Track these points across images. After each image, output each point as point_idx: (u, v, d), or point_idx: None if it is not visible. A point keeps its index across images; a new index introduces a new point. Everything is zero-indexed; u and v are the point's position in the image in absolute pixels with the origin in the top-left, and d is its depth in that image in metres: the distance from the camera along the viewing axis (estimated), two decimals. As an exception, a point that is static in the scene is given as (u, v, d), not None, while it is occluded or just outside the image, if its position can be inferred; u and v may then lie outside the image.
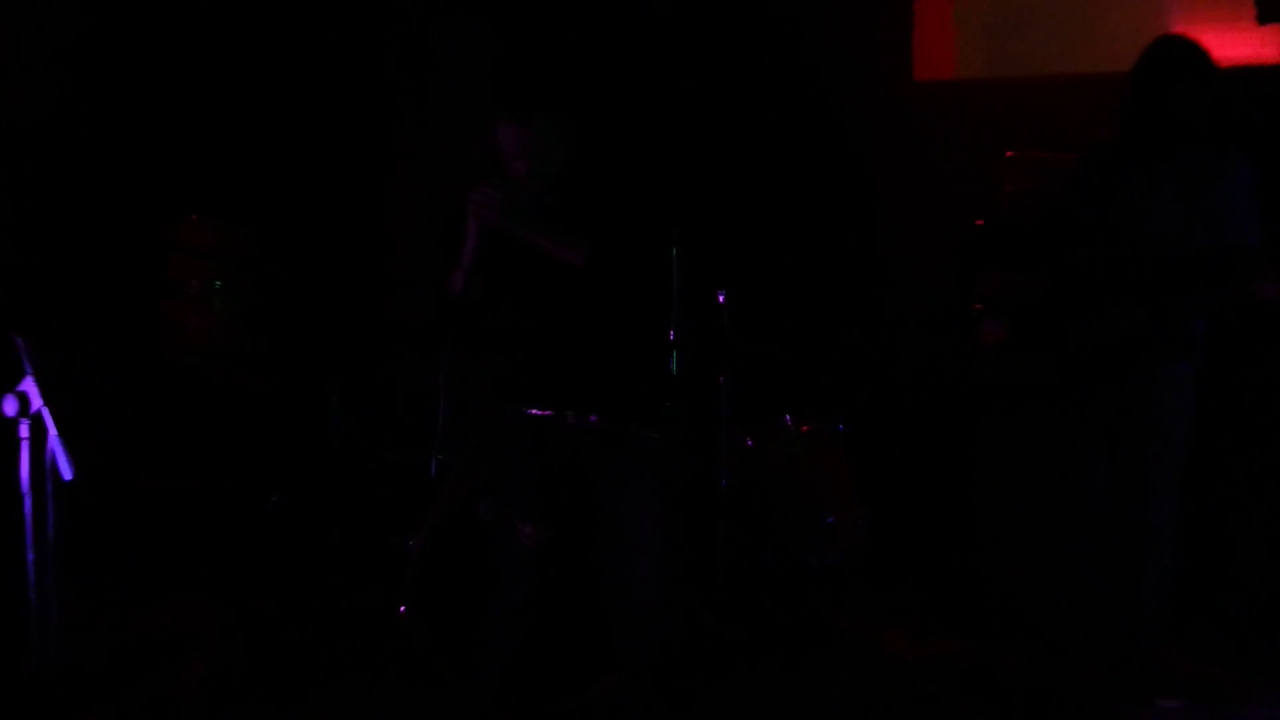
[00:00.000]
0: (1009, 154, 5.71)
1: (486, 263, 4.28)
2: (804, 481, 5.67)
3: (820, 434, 5.80)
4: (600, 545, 4.34)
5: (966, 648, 5.27)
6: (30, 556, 3.98)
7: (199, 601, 5.53)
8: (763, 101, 6.57)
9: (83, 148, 6.03)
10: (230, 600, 5.50)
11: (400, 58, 6.79)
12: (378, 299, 6.50)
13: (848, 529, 5.72)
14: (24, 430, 3.94)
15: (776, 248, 6.49)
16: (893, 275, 6.57)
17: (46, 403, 3.94)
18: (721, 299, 5.45)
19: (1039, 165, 5.65)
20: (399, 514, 5.23)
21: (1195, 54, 4.61)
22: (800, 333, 6.13)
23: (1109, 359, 4.69)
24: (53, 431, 3.91)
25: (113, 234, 6.08)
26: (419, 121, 6.81)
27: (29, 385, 3.93)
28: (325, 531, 5.43)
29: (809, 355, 6.11)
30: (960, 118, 6.44)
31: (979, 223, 5.64)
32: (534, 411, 4.27)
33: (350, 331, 5.95)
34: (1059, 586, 5.19)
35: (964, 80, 6.66)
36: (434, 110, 6.81)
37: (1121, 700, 4.70)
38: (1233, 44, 5.77)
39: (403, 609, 4.76)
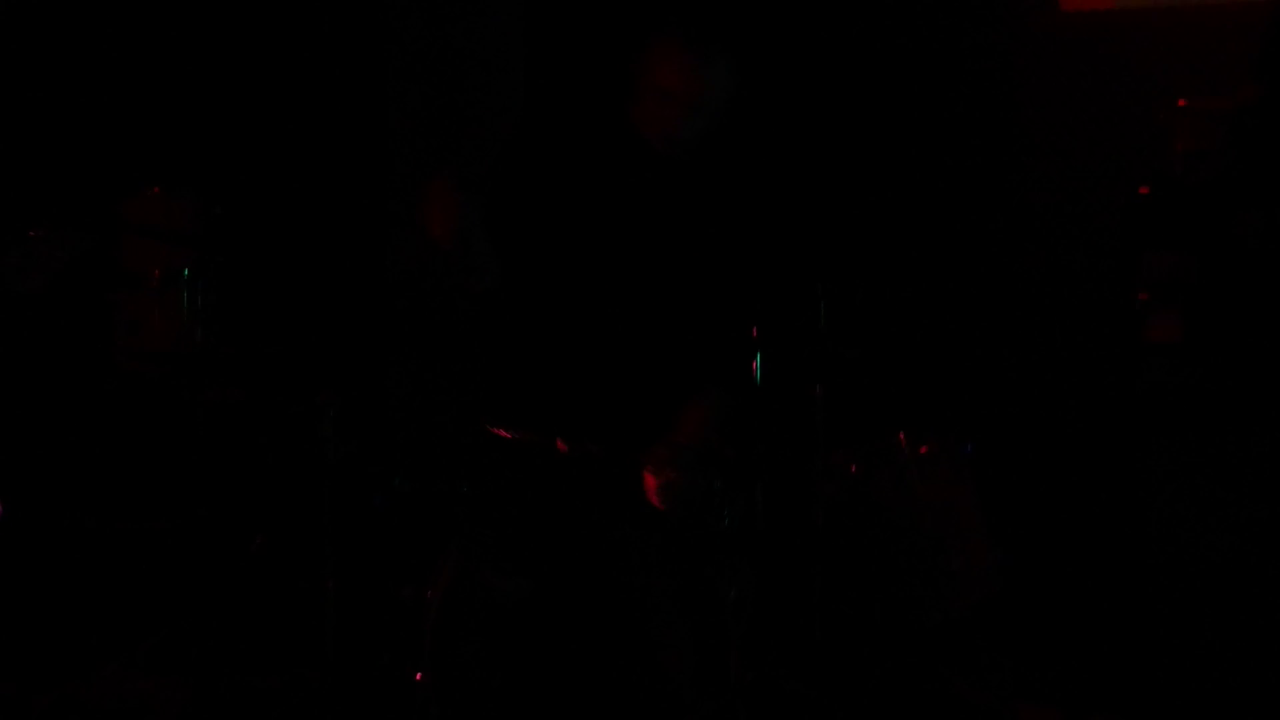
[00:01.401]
0: (1181, 102, 5.61)
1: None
2: (922, 516, 5.61)
3: (943, 457, 5.72)
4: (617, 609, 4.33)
5: None
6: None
7: (152, 678, 5.53)
8: (873, 45, 6.51)
9: (13, 103, 5.99)
10: (194, 674, 5.47)
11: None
12: (381, 292, 6.41)
13: (977, 576, 5.65)
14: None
15: (888, 227, 6.43)
16: (1036, 258, 6.46)
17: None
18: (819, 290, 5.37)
19: (1220, 116, 5.56)
20: (412, 558, 5.11)
21: None
22: (917, 332, 6.15)
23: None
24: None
25: (52, 211, 5.82)
26: (426, 76, 6.71)
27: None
28: (320, 581, 5.34)
29: (929, 359, 6.13)
30: (1120, 56, 6.32)
31: (1144, 190, 5.58)
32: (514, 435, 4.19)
33: (348, 332, 5.86)
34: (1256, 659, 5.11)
35: (1125, 7, 6.51)
36: (444, 64, 6.73)
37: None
38: None
39: (418, 676, 4.66)
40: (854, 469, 5.68)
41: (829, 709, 5.19)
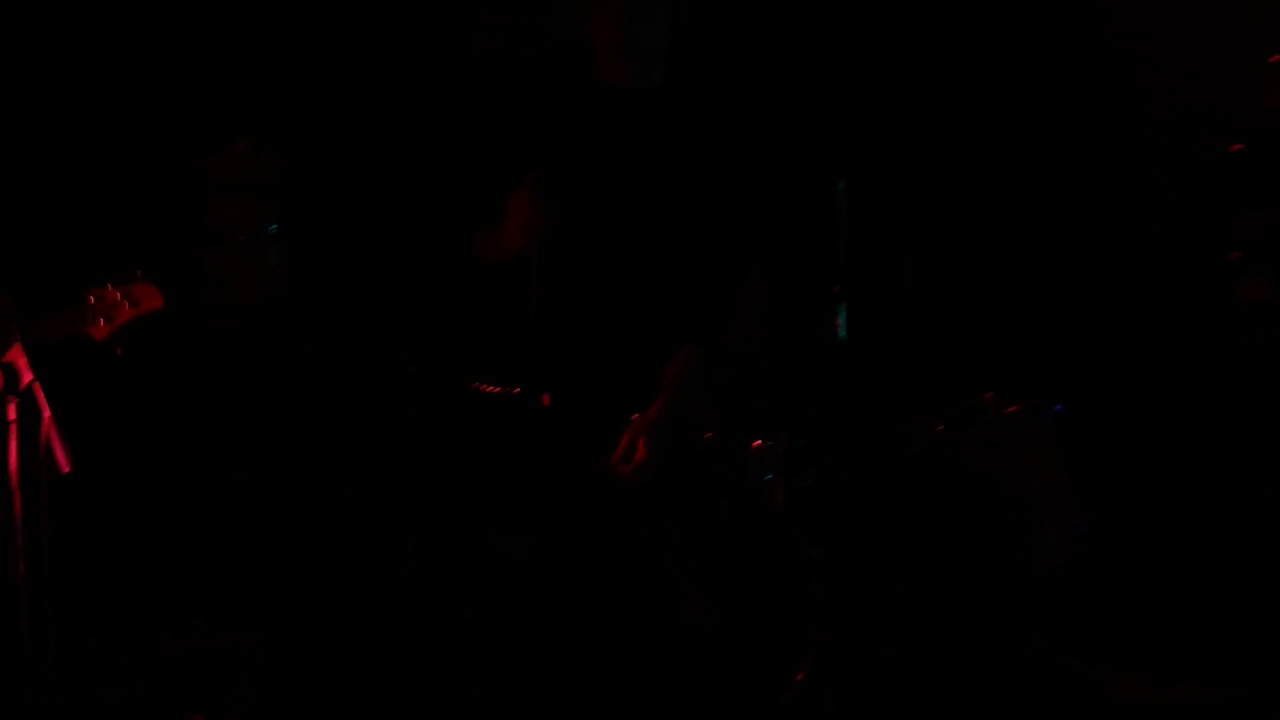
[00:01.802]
0: (1274, 58, 5.50)
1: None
2: (1010, 478, 5.48)
3: (1030, 417, 5.57)
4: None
5: (1219, 697, 5.15)
6: (20, 569, 3.87)
7: (236, 630, 5.51)
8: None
9: (101, 58, 5.98)
10: (276, 629, 5.47)
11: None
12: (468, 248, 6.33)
13: (1065, 539, 5.50)
14: (11, 411, 3.82)
15: (972, 181, 6.28)
16: (1123, 216, 6.34)
17: (40, 377, 3.82)
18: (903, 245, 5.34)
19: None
20: (495, 513, 5.10)
21: None
22: (1004, 288, 6.04)
23: None
24: (47, 412, 3.78)
25: (139, 167, 6.05)
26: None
27: (17, 355, 3.81)
28: (401, 537, 5.31)
29: (1016, 317, 6.01)
30: (1211, 12, 6.15)
31: (1235, 147, 5.48)
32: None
33: (433, 288, 5.79)
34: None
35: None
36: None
37: None
38: None
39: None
40: (940, 429, 5.53)
41: (913, 672, 5.15)
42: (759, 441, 4.70)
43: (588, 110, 4.26)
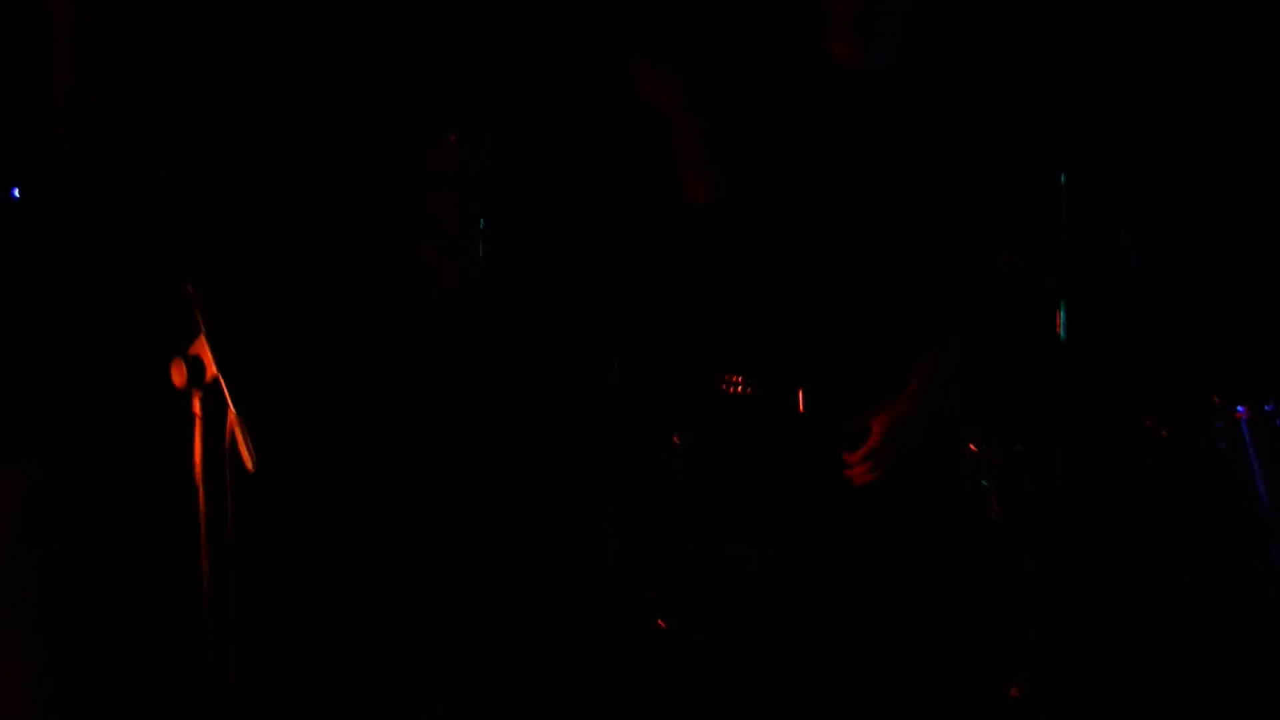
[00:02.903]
0: None
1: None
2: (1238, 486, 5.31)
3: (1260, 421, 5.37)
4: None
5: None
6: (204, 567, 3.74)
7: (440, 629, 5.44)
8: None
9: (311, 49, 5.88)
10: (478, 628, 5.38)
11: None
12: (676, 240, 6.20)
13: None
14: (196, 405, 3.68)
15: (1199, 173, 6.00)
16: None
17: (225, 370, 3.68)
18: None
19: None
20: (693, 518, 4.99)
21: None
22: (1233, 284, 5.80)
23: None
24: (232, 408, 3.63)
25: (346, 157, 5.92)
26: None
27: (202, 348, 3.67)
28: (604, 537, 5.20)
29: (1244, 314, 5.78)
30: None
31: None
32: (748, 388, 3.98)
33: (640, 284, 5.65)
34: None
35: None
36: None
37: None
38: None
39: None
40: (1165, 433, 5.37)
41: (1131, 684, 5.01)
42: (974, 445, 4.55)
43: (822, 95, 4.10)
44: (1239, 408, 5.35)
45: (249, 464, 3.60)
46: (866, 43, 4.07)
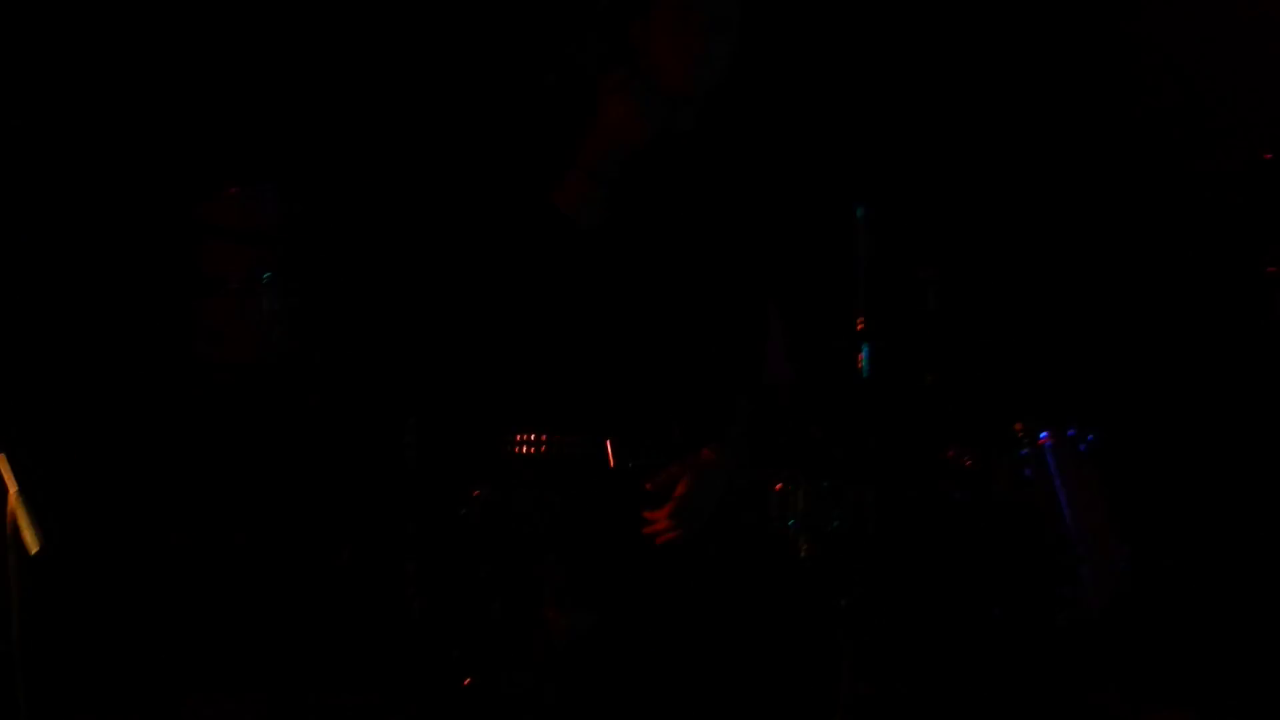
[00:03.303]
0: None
1: None
2: (1045, 512, 5.31)
3: (1064, 447, 5.39)
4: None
5: None
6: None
7: (236, 696, 5.31)
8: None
9: (83, 99, 5.76)
10: (277, 693, 5.25)
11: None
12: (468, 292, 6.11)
13: (1106, 575, 5.33)
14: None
15: (996, 200, 6.07)
16: (1155, 231, 6.11)
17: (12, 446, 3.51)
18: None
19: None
20: (500, 573, 4.84)
21: None
22: (1033, 312, 5.88)
23: None
24: (13, 488, 3.46)
25: (127, 215, 5.80)
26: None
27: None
28: (407, 596, 5.08)
29: (1045, 341, 5.87)
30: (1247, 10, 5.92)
31: (1268, 156, 5.35)
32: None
33: (433, 338, 5.55)
34: None
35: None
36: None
37: None
38: None
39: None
40: (969, 463, 5.37)
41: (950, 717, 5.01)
42: (780, 485, 4.49)
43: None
44: (1042, 434, 5.36)
45: (31, 546, 3.44)
46: (703, 80, 4.02)
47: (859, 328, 4.76)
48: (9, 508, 3.46)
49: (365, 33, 6.00)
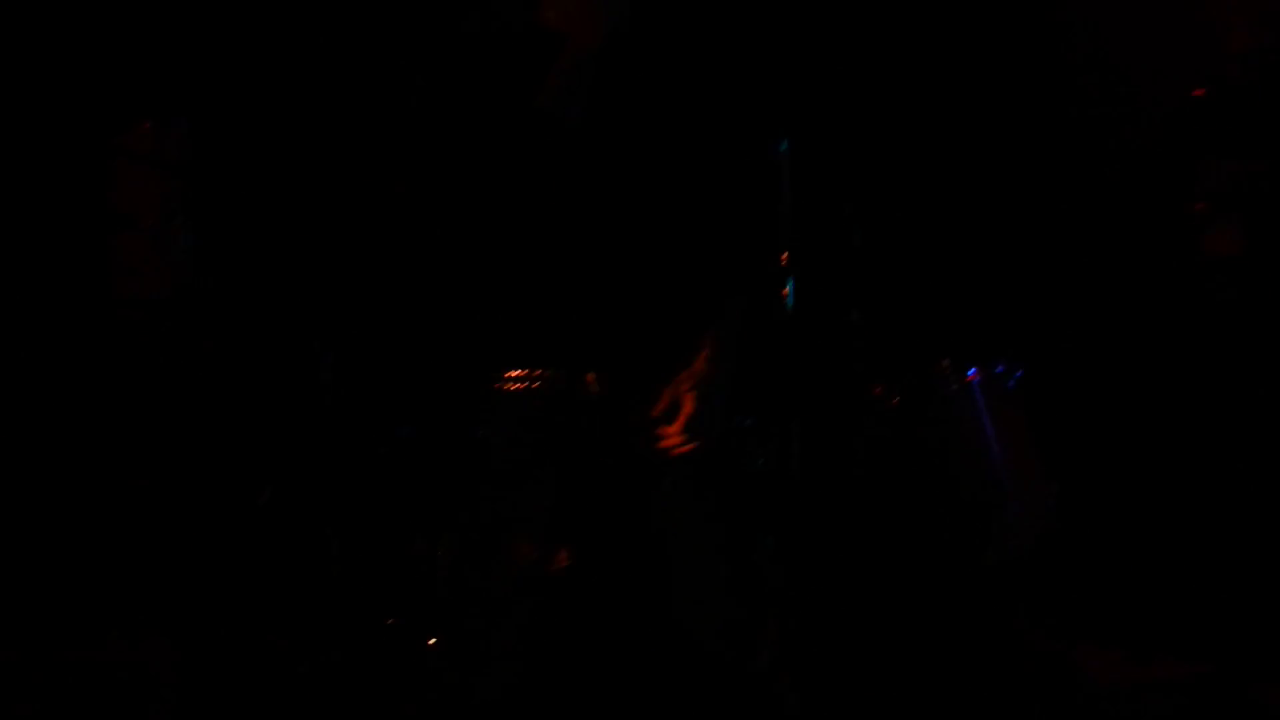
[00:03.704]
0: (1237, -3, 5.35)
1: None
2: (970, 450, 5.33)
3: (991, 385, 5.42)
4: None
5: (1201, 673, 4.92)
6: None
7: (154, 640, 5.16)
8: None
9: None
10: (196, 637, 5.14)
11: None
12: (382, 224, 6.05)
13: (1032, 513, 5.37)
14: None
15: (921, 135, 6.04)
16: (1080, 166, 6.12)
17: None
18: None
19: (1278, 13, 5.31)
20: (420, 511, 4.87)
21: None
22: (957, 249, 5.85)
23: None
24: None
25: (38, 149, 5.71)
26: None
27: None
28: (324, 537, 5.01)
29: (970, 278, 5.84)
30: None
31: (1198, 93, 5.32)
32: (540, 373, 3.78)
33: (349, 269, 5.48)
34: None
35: None
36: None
37: None
38: None
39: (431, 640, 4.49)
40: (896, 401, 5.39)
41: (877, 657, 4.95)
42: None
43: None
44: (970, 371, 5.38)
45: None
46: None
47: (782, 263, 4.75)
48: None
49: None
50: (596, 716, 4.18)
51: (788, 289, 4.84)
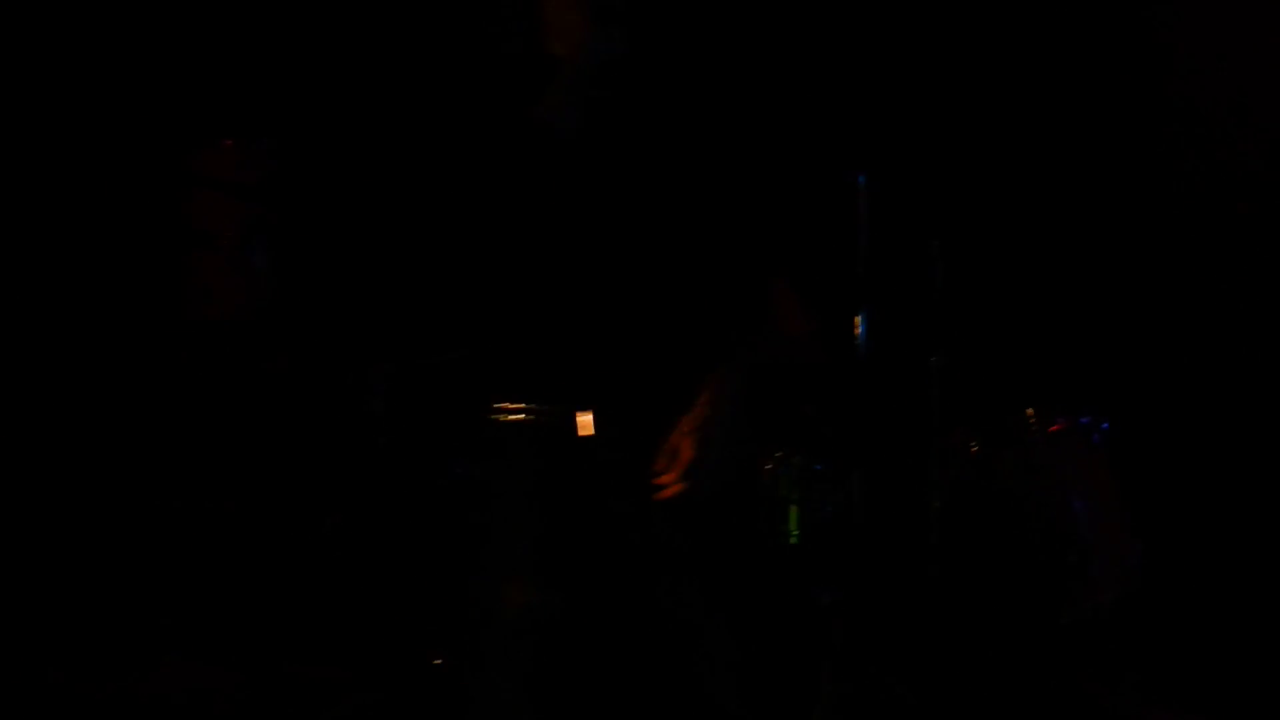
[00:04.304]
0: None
1: None
2: (1052, 503, 5.15)
3: (1076, 436, 5.25)
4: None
5: None
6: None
7: (212, 667, 5.15)
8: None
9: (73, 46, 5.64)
10: (253, 665, 5.10)
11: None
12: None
13: (1114, 571, 5.17)
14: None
15: (1012, 173, 5.87)
16: (1186, 202, 5.91)
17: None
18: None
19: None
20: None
21: None
22: (1048, 291, 5.71)
23: None
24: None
25: (115, 167, 5.69)
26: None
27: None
28: (383, 565, 4.96)
29: (1061, 323, 5.70)
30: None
31: None
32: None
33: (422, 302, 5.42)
34: None
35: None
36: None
37: None
38: None
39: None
40: (975, 449, 5.23)
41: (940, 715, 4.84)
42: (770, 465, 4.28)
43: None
44: (1056, 420, 5.23)
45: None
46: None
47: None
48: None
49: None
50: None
51: (860, 328, 4.73)
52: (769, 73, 4.10)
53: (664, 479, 3.62)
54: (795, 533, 4.56)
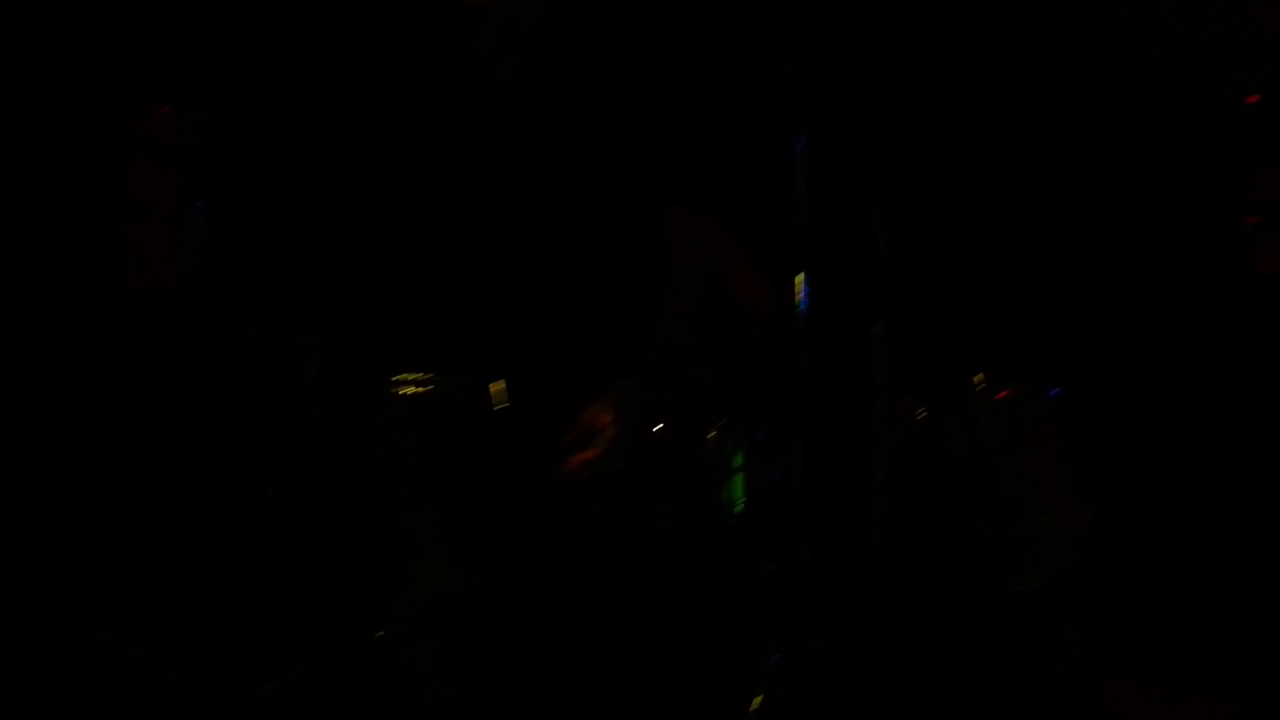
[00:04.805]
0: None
1: None
2: (1001, 470, 5.13)
3: (1025, 402, 5.24)
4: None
5: (1239, 713, 4.79)
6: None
7: (150, 642, 5.17)
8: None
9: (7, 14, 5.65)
10: (191, 638, 5.12)
11: None
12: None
13: (1063, 538, 5.14)
14: None
15: (956, 135, 5.88)
16: (1124, 175, 5.94)
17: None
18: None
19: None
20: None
21: None
22: (995, 257, 5.71)
23: None
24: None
25: (52, 135, 5.68)
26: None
27: None
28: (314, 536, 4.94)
29: (1008, 289, 5.70)
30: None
31: (1252, 100, 5.10)
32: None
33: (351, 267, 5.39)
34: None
35: None
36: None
37: None
38: None
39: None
40: (921, 417, 5.20)
41: (889, 688, 4.80)
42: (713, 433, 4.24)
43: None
44: (1004, 388, 5.22)
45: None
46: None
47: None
48: None
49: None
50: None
51: (800, 295, 4.70)
52: (708, 36, 4.03)
53: (578, 453, 3.57)
54: (740, 501, 4.53)
